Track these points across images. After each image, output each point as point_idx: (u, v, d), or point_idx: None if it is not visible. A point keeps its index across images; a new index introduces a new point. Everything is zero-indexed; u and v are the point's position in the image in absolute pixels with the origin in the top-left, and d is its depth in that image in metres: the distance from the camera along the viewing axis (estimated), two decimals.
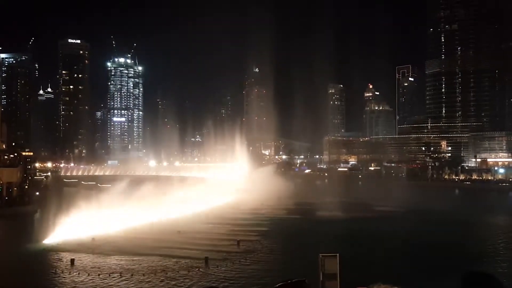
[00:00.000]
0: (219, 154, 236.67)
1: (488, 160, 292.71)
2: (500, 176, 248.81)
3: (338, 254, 19.17)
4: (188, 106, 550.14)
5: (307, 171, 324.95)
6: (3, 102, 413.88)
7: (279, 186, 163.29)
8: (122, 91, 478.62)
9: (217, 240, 79.57)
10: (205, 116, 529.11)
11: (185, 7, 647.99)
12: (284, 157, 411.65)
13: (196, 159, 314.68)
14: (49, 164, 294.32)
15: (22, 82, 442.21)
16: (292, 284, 7.56)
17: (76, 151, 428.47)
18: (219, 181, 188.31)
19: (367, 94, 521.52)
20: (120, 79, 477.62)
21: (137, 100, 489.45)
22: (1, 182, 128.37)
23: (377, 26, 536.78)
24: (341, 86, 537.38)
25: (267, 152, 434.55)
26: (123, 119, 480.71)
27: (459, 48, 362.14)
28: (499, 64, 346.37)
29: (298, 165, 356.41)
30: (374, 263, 58.20)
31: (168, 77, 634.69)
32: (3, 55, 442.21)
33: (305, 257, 46.71)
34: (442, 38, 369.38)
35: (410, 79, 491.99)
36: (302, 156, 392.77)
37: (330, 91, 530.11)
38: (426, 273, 56.27)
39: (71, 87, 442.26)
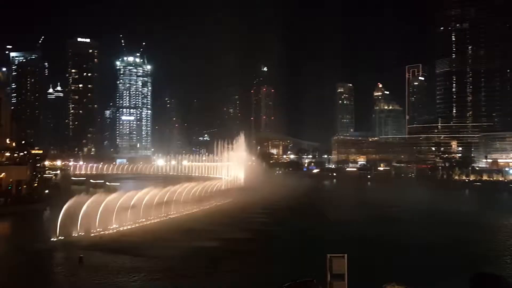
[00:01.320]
0: (227, 153, 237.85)
1: (499, 160, 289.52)
2: (511, 177, 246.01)
3: (346, 255, 18.79)
4: (196, 105, 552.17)
5: (315, 170, 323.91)
6: (13, 100, 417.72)
7: (286, 185, 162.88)
8: (131, 90, 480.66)
9: (223, 239, 79.27)
10: (213, 115, 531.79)
11: (194, 5, 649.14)
12: (292, 156, 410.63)
13: (204, 158, 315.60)
14: (58, 162, 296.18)
15: (32, 80, 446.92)
16: (300, 284, 7.28)
17: (85, 149, 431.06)
18: (226, 179, 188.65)
19: (377, 94, 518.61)
20: (129, 77, 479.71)
21: (145, 99, 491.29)
22: (11, 180, 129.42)
23: (387, 25, 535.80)
24: (350, 85, 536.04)
25: (275, 151, 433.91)
26: (131, 117, 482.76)
27: (470, 47, 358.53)
28: (511, 63, 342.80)
29: (306, 165, 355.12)
30: (384, 265, 57.49)
31: (176, 76, 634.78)
32: (13, 54, 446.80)
33: (313, 257, 46.22)
34: (453, 37, 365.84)
35: (420, 78, 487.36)
36: (311, 156, 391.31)
37: (339, 90, 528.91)
38: (436, 273, 55.55)
39: (80, 85, 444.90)
